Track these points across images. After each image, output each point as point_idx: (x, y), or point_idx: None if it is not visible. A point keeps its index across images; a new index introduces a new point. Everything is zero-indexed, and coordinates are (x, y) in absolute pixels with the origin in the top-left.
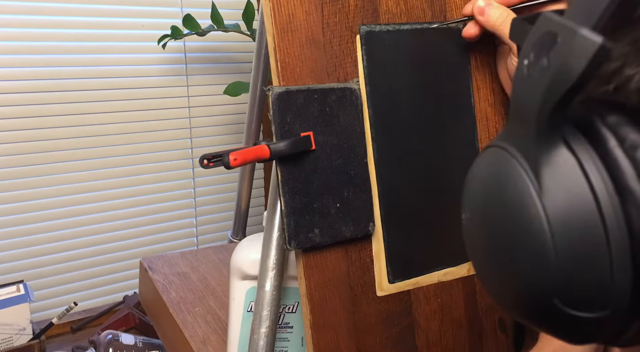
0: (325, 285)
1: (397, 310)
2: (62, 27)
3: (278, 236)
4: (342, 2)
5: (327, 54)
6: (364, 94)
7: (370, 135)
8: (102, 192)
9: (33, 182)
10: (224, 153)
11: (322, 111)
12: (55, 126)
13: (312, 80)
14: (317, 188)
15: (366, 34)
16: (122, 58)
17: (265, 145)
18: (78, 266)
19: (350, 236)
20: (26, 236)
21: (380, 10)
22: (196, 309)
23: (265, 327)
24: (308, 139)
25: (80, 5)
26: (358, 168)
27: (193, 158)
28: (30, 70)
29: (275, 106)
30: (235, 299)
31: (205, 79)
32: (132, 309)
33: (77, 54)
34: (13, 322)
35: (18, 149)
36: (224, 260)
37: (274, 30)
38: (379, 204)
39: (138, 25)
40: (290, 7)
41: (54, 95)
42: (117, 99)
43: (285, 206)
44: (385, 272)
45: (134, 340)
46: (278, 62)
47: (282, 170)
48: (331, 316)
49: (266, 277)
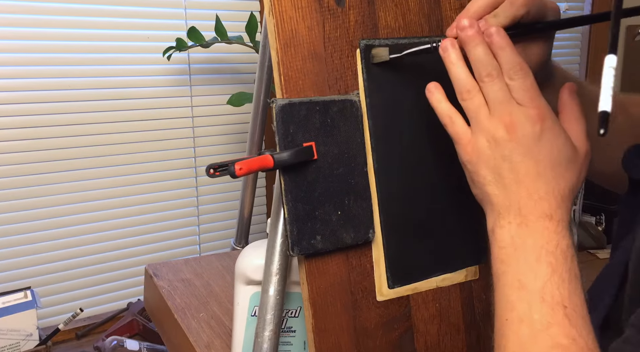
0: (327, 290)
1: (397, 314)
2: (69, 39)
3: (281, 243)
4: (342, 18)
5: (328, 67)
6: (364, 106)
7: (370, 145)
8: (107, 201)
9: (39, 191)
10: (229, 163)
11: (323, 122)
12: (59, 136)
13: (314, 93)
14: (319, 196)
15: (366, 48)
16: (128, 69)
17: (269, 155)
18: (84, 273)
19: (351, 243)
20: (33, 244)
21: (380, 26)
22: (200, 314)
23: (269, 330)
24: (310, 149)
25: (86, 18)
26: (358, 177)
27: (196, 167)
28: (36, 81)
29: (279, 118)
30: (240, 304)
31: (209, 89)
32: (136, 315)
33: (83, 65)
34: (20, 328)
35: (23, 158)
36: (227, 267)
37: (278, 45)
38: (379, 211)
39: (143, 37)
40: (293, 23)
41: (61, 105)
42: (123, 109)
43: (288, 214)
44: (385, 278)
45: (139, 346)
46: (281, 75)
47: (286, 179)
48: (333, 320)
49: (270, 282)
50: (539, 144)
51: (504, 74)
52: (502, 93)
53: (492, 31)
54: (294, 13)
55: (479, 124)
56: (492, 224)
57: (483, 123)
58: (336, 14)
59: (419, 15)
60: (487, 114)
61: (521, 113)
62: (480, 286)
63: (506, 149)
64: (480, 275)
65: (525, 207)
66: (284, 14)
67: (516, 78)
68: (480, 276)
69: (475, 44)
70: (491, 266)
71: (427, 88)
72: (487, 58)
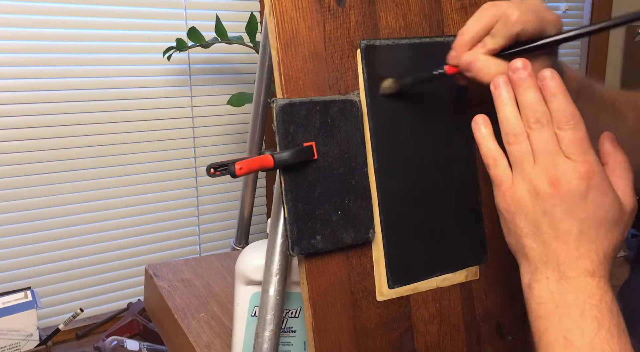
0: (327, 290)
1: (397, 314)
2: (68, 39)
3: (281, 243)
4: (343, 18)
5: (328, 67)
6: (364, 106)
7: (370, 145)
8: (107, 201)
9: (39, 191)
10: (229, 162)
11: (324, 122)
12: (59, 136)
13: (315, 93)
14: (319, 196)
15: (366, 48)
16: (128, 69)
17: (269, 155)
18: (84, 273)
19: (351, 243)
20: (34, 244)
21: (380, 26)
22: (200, 314)
23: (269, 330)
24: (310, 148)
25: (86, 19)
26: (359, 177)
27: (197, 167)
28: (36, 81)
29: (279, 117)
30: (240, 304)
31: (209, 89)
32: (136, 315)
33: (82, 65)
34: (20, 328)
35: (23, 159)
36: (227, 267)
37: (278, 45)
38: (379, 211)
39: (144, 38)
40: (293, 23)
41: (60, 105)
42: (123, 109)
43: (288, 214)
44: (385, 278)
45: (139, 346)
46: (282, 75)
47: (286, 179)
48: (333, 320)
49: (270, 282)
50: (584, 203)
51: (554, 122)
52: (550, 143)
53: (546, 75)
54: (295, 13)
55: (522, 172)
56: (528, 279)
57: (527, 171)
58: (337, 14)
59: (420, 16)
60: (532, 163)
61: (568, 168)
62: (481, 286)
63: (548, 203)
64: (480, 275)
65: (565, 264)
66: (285, 14)
67: (566, 129)
68: (480, 276)
69: (526, 87)
70: (530, 323)
71: (474, 120)
72: (538, 104)
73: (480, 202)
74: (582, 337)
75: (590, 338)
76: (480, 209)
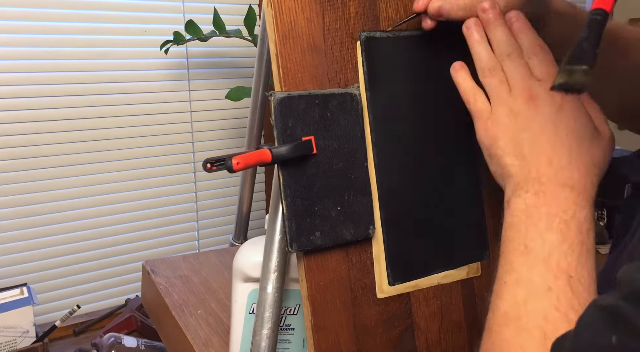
0: (326, 287)
1: (397, 312)
2: (65, 32)
3: (280, 239)
4: (342, 10)
5: (328, 60)
6: (364, 99)
7: (370, 139)
8: (104, 196)
9: (36, 186)
10: (227, 157)
11: (323, 116)
12: (58, 130)
13: (314, 86)
14: (318, 191)
15: (366, 40)
16: (125, 63)
17: (267, 150)
18: (81, 269)
19: (351, 239)
20: (30, 240)
21: (380, 17)
22: (198, 311)
23: (267, 328)
24: (309, 143)
25: (83, 11)
26: (358, 172)
27: (195, 162)
28: (32, 75)
29: (277, 111)
30: (238, 301)
31: (207, 83)
32: (134, 312)
33: (79, 59)
34: (17, 324)
35: (20, 153)
36: (226, 263)
37: (276, 37)
38: (379, 207)
39: (141, 31)
40: (292, 14)
41: (55, 100)
42: (120, 103)
43: (287, 209)
44: (385, 275)
45: (137, 343)
46: (280, 68)
47: (284, 174)
48: (332, 317)
49: (268, 279)
50: (559, 114)
51: (524, 54)
52: (522, 70)
53: (512, 15)
54: (293, 4)
55: (499, 100)
56: (509, 194)
57: (504, 98)
58: (336, 5)
59: None
60: (508, 91)
61: (541, 87)
62: (482, 283)
63: (526, 119)
64: (482, 272)
65: (545, 176)
66: (283, 5)
67: (536, 57)
68: (482, 273)
69: (496, 25)
70: (501, 236)
71: (452, 66)
72: (508, 39)
73: (482, 198)
74: (541, 247)
75: (549, 250)
76: (482, 204)
